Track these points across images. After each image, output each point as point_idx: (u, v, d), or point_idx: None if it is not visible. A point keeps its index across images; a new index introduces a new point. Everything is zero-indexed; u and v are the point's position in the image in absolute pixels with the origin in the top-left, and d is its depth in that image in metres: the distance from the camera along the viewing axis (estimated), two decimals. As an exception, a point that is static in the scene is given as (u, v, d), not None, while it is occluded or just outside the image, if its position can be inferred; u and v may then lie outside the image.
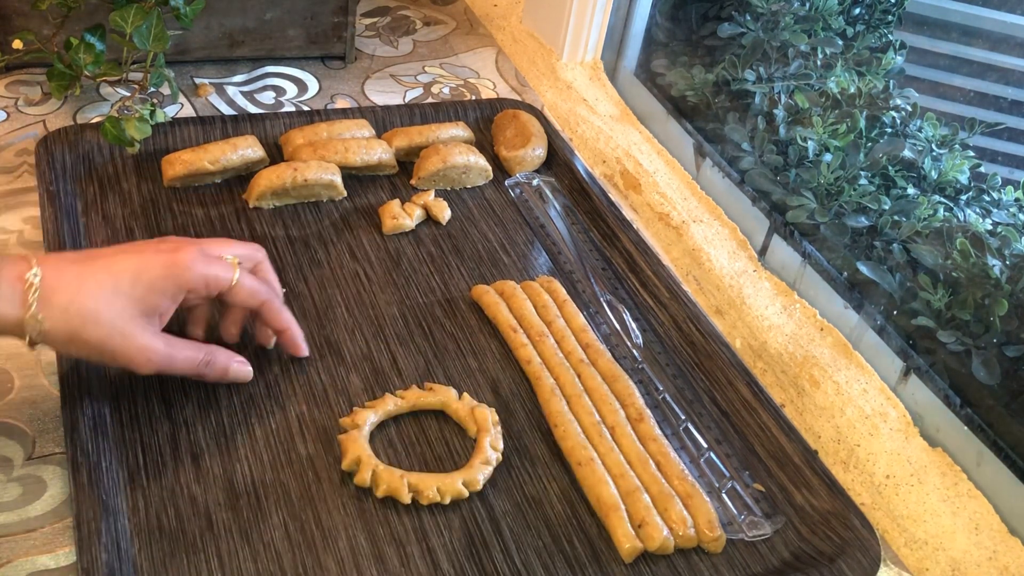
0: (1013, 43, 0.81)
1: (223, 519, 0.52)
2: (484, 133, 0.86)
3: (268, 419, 0.58)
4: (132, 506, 0.52)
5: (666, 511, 0.55)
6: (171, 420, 0.57)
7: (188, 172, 0.72)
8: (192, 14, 0.75)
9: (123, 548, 0.50)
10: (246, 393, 0.59)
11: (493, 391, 0.62)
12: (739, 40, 0.89)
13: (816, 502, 0.58)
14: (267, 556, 0.51)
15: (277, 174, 0.72)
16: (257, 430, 0.57)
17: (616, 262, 0.75)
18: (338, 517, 0.53)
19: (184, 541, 0.51)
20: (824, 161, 0.77)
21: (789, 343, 0.70)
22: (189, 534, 0.51)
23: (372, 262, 0.71)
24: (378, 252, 0.72)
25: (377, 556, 0.52)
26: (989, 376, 0.62)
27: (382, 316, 0.67)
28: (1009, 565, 0.57)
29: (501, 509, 0.55)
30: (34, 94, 0.83)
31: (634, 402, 0.61)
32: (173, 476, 0.54)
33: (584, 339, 0.65)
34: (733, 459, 0.60)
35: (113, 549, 0.49)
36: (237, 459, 0.56)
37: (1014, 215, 0.73)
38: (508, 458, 0.58)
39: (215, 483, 0.54)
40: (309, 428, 0.58)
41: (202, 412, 0.58)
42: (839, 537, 0.56)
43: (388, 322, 0.66)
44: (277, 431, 0.57)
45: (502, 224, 0.77)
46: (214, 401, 0.59)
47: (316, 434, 0.58)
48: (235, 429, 0.57)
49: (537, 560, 0.53)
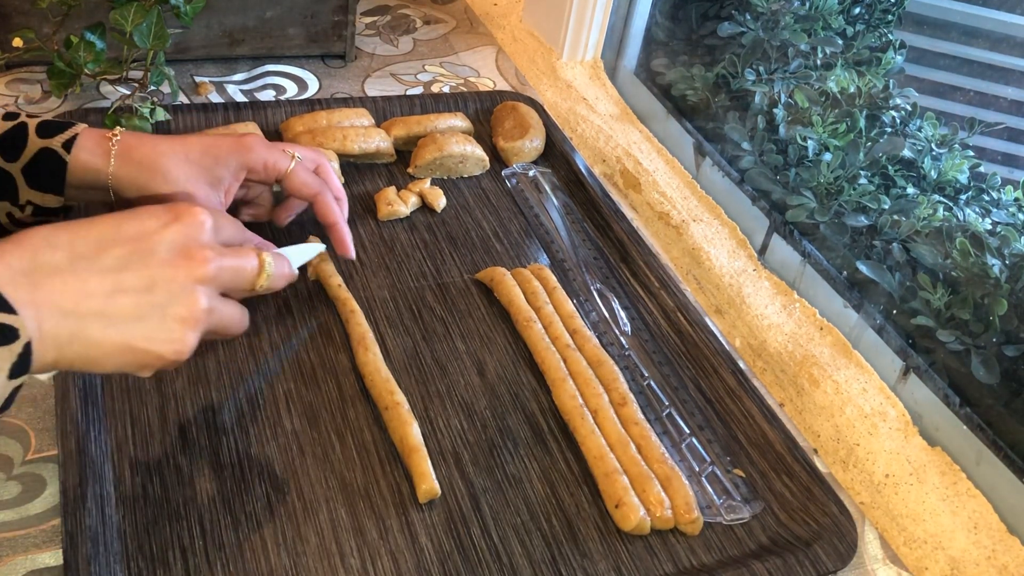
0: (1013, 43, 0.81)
1: (207, 489, 0.53)
2: (483, 124, 0.87)
3: (256, 395, 0.59)
4: (118, 474, 0.53)
5: (644, 492, 0.55)
6: (160, 393, 0.58)
7: (189, 157, 0.73)
8: (192, 13, 0.76)
9: (107, 514, 0.51)
10: (235, 369, 0.60)
11: (479, 373, 0.63)
12: (739, 39, 0.89)
13: (796, 488, 0.58)
14: (248, 526, 0.52)
15: (275, 160, 0.73)
16: (244, 405, 0.58)
17: (608, 252, 0.75)
18: (320, 490, 0.54)
19: (168, 509, 0.52)
20: (824, 160, 0.77)
21: (789, 342, 0.70)
22: (173, 502, 0.52)
23: (366, 247, 0.72)
24: (372, 237, 0.73)
25: (357, 529, 0.53)
26: (988, 375, 0.62)
27: (373, 299, 0.68)
28: (1008, 564, 0.57)
29: (481, 486, 0.56)
30: (34, 92, 0.84)
31: (618, 387, 0.61)
32: (160, 447, 0.55)
33: (572, 325, 0.66)
34: (715, 445, 0.60)
35: (98, 514, 0.50)
36: (223, 432, 0.56)
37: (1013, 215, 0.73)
38: (491, 438, 0.59)
39: (201, 454, 0.55)
40: (296, 404, 0.59)
41: (191, 387, 0.59)
42: (816, 523, 0.56)
43: (379, 304, 0.67)
44: (264, 406, 0.58)
45: (497, 213, 0.78)
46: (203, 376, 0.60)
47: (303, 410, 0.59)
48: (223, 403, 0.58)
49: (515, 536, 0.53)
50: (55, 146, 0.57)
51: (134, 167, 0.57)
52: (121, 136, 0.58)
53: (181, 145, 0.59)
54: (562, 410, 0.60)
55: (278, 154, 0.62)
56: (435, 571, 0.51)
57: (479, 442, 0.58)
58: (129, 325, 0.45)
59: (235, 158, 0.60)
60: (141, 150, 0.58)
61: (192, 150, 0.59)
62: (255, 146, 0.61)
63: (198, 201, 0.58)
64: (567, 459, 0.58)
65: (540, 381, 0.63)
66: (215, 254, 0.48)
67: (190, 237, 0.47)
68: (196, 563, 0.50)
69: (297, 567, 0.50)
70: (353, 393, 0.60)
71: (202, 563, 0.50)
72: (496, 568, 0.52)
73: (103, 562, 0.48)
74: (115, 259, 0.45)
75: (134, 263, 0.45)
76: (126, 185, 0.58)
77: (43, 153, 0.57)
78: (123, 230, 0.46)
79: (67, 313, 0.43)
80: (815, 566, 0.53)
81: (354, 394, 0.60)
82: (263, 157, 0.61)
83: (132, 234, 0.46)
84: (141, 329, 0.45)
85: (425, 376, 0.62)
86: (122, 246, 0.45)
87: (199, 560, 0.50)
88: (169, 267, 0.46)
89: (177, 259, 0.47)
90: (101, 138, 0.58)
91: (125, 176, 0.57)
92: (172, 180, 0.58)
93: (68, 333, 0.43)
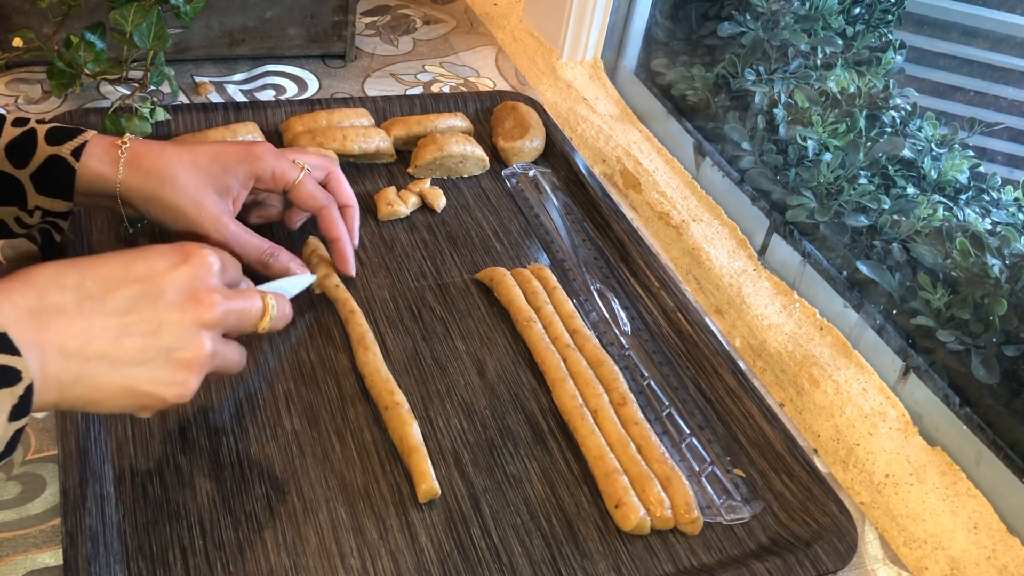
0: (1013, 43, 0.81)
1: (207, 489, 0.53)
2: (483, 124, 0.87)
3: (256, 395, 0.59)
4: (118, 474, 0.53)
5: (644, 492, 0.55)
6: (161, 393, 0.58)
7: (189, 157, 0.73)
8: (192, 12, 0.76)
9: (107, 514, 0.51)
10: (235, 369, 0.60)
11: (479, 373, 0.63)
12: (739, 39, 0.89)
13: (796, 488, 0.58)
14: (248, 526, 0.52)
15: (275, 160, 0.73)
16: (244, 405, 0.58)
17: (608, 252, 0.75)
18: (320, 490, 0.54)
19: (168, 509, 0.52)
20: (824, 160, 0.77)
21: (789, 342, 0.70)
22: (173, 502, 0.52)
23: (366, 246, 0.72)
24: (372, 237, 0.73)
25: (357, 529, 0.53)
26: (988, 375, 0.62)
27: (373, 299, 0.67)
28: (1008, 564, 0.57)
29: (481, 486, 0.56)
30: (34, 92, 0.84)
31: (618, 387, 0.61)
32: (160, 447, 0.55)
33: (572, 325, 0.66)
34: (715, 445, 0.60)
35: (97, 514, 0.50)
36: (223, 432, 0.56)
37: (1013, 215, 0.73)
38: (491, 438, 0.59)
39: (201, 454, 0.55)
40: (296, 404, 0.59)
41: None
42: (816, 523, 0.56)
43: (379, 304, 0.67)
44: (264, 406, 0.58)
45: (497, 213, 0.78)
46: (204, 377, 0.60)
47: (302, 410, 0.59)
48: (223, 404, 0.58)
49: (515, 536, 0.53)
50: (64, 153, 0.57)
51: (143, 175, 0.58)
52: (130, 144, 0.58)
53: (189, 153, 0.59)
54: (562, 410, 0.60)
55: (287, 164, 0.63)
56: (435, 571, 0.51)
57: (479, 442, 0.58)
58: (133, 368, 0.45)
59: (244, 167, 0.61)
60: (150, 158, 0.58)
61: (200, 158, 0.59)
62: (264, 155, 0.62)
63: (207, 209, 0.59)
64: (567, 459, 0.58)
65: (540, 381, 0.63)
66: (222, 298, 0.48)
67: (198, 279, 0.47)
68: (196, 563, 0.50)
69: (297, 567, 0.50)
70: (353, 393, 0.60)
71: (202, 563, 0.50)
72: (496, 568, 0.52)
73: (103, 562, 0.48)
74: (123, 300, 0.45)
75: (142, 305, 0.45)
76: (135, 193, 0.58)
77: (52, 160, 0.57)
78: (132, 270, 0.46)
79: (71, 355, 0.43)
80: (815, 566, 0.53)
81: (354, 394, 0.60)
82: (271, 166, 0.62)
83: (141, 274, 0.46)
84: (145, 372, 0.45)
85: (425, 376, 0.62)
86: (130, 287, 0.45)
87: (199, 560, 0.50)
88: (176, 310, 0.46)
89: (185, 302, 0.46)
90: (110, 146, 0.58)
91: (134, 184, 0.58)
92: (180, 188, 0.58)
93: (72, 376, 0.43)
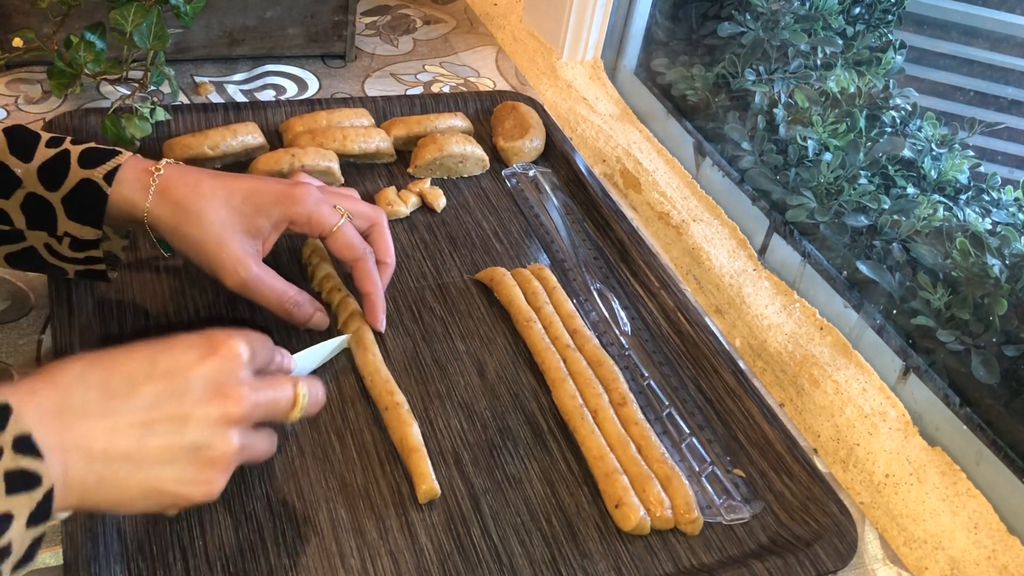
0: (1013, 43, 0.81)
1: (206, 489, 0.53)
2: (483, 124, 0.87)
3: (256, 395, 0.59)
4: (118, 474, 0.53)
5: (644, 492, 0.55)
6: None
7: (188, 156, 0.73)
8: (192, 12, 0.76)
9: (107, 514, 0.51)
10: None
11: (479, 373, 0.63)
12: (739, 39, 0.89)
13: (796, 488, 0.58)
14: (248, 526, 0.52)
15: (275, 160, 0.73)
16: (244, 405, 0.58)
17: (608, 252, 0.75)
18: (319, 491, 0.54)
19: (167, 509, 0.52)
20: (824, 160, 0.77)
21: (789, 342, 0.71)
22: (173, 503, 0.52)
23: (366, 247, 0.72)
24: (372, 238, 0.73)
25: (357, 529, 0.53)
26: (988, 375, 0.62)
27: (373, 299, 0.67)
28: (1008, 564, 0.57)
29: (481, 487, 0.56)
30: (34, 92, 0.84)
31: (618, 387, 0.61)
32: (159, 446, 0.55)
33: (572, 325, 0.66)
34: (715, 445, 0.60)
35: (98, 514, 0.50)
36: (223, 432, 0.56)
37: (1013, 215, 0.73)
38: (491, 438, 0.59)
39: (200, 454, 0.55)
40: (296, 404, 0.59)
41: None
42: (817, 523, 0.56)
43: (379, 305, 0.67)
44: (264, 407, 0.58)
45: (497, 213, 0.78)
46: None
47: (302, 410, 0.59)
48: (223, 403, 0.58)
49: (515, 536, 0.53)
50: (96, 178, 0.55)
51: (171, 206, 0.56)
52: (164, 170, 0.56)
53: (224, 189, 0.57)
54: (562, 410, 0.60)
55: (326, 210, 0.60)
56: (435, 571, 0.51)
57: (479, 442, 0.58)
58: (159, 468, 0.43)
59: (278, 209, 0.58)
60: (182, 190, 0.56)
61: (234, 196, 0.57)
62: (303, 198, 0.59)
63: (229, 248, 0.56)
64: (567, 459, 0.58)
65: (540, 381, 0.63)
66: (251, 391, 0.46)
67: (226, 372, 0.45)
68: (196, 563, 0.50)
69: (297, 567, 0.50)
70: (353, 393, 0.60)
71: (202, 563, 0.50)
72: (496, 568, 0.52)
73: (103, 562, 0.48)
74: (149, 397, 0.43)
75: (168, 401, 0.43)
76: (161, 223, 0.56)
77: (84, 185, 0.55)
78: (158, 365, 0.44)
79: (95, 457, 0.41)
80: (815, 566, 0.53)
81: (354, 394, 0.60)
82: (308, 211, 0.59)
83: (166, 369, 0.44)
84: (171, 472, 0.43)
85: (425, 376, 0.62)
86: (156, 383, 0.43)
87: (199, 560, 0.50)
88: (203, 405, 0.44)
89: (213, 397, 0.44)
90: (143, 172, 0.56)
91: (161, 214, 0.56)
92: (206, 225, 0.56)
93: (96, 478, 0.41)
